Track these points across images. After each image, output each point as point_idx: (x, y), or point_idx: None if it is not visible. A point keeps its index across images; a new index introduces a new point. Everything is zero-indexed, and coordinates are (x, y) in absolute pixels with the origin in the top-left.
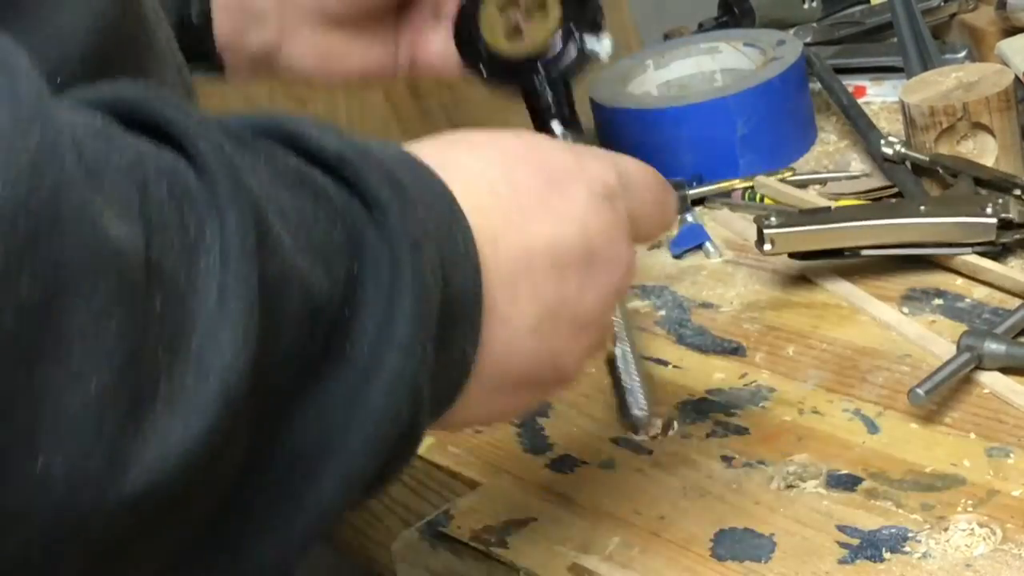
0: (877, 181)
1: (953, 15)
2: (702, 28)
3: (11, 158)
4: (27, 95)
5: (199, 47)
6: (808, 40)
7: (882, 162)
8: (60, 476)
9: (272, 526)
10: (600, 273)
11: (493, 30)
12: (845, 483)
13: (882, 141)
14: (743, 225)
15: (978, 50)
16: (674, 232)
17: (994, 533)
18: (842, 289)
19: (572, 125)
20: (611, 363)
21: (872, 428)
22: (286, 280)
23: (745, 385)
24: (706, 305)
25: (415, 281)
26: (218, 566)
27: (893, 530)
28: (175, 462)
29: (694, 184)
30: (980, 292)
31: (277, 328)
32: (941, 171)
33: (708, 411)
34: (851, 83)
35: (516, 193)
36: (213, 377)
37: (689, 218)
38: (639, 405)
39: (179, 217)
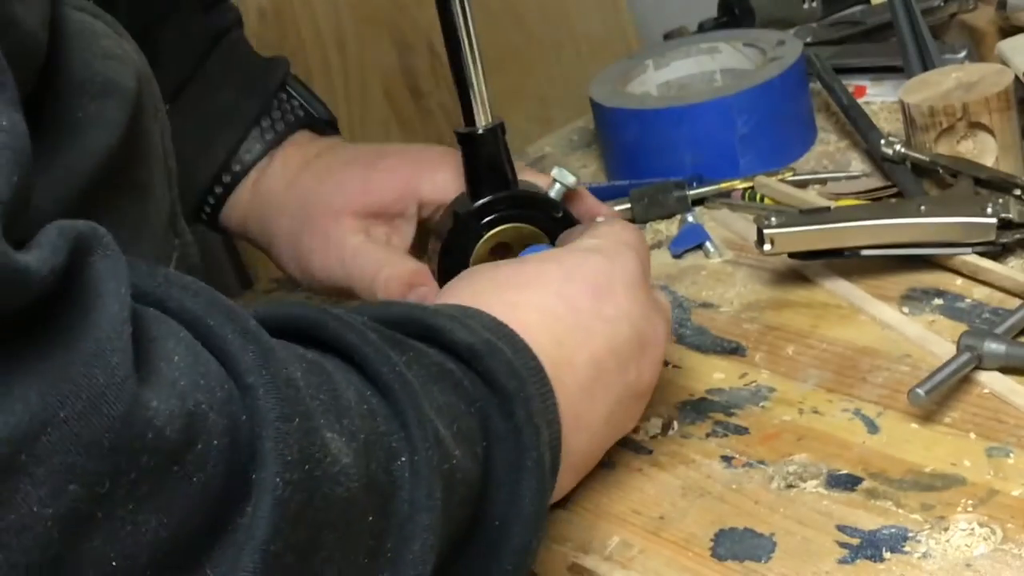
0: (877, 181)
1: (953, 15)
2: (702, 28)
3: (285, 449)
4: (285, 380)
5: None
6: (808, 40)
7: (882, 162)
8: None
9: None
10: (650, 350)
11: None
12: (845, 483)
13: (882, 141)
14: (743, 225)
15: (978, 50)
16: (674, 232)
17: (994, 533)
18: (842, 289)
19: None
20: None
21: (872, 428)
22: (453, 476)
23: (745, 385)
24: (706, 305)
25: (536, 464)
26: None
27: (893, 530)
28: None
29: (694, 184)
30: (980, 292)
31: (448, 519)
32: (941, 171)
33: (708, 411)
34: (851, 83)
35: (576, 313)
36: None
37: (689, 218)
38: None
39: (378, 433)
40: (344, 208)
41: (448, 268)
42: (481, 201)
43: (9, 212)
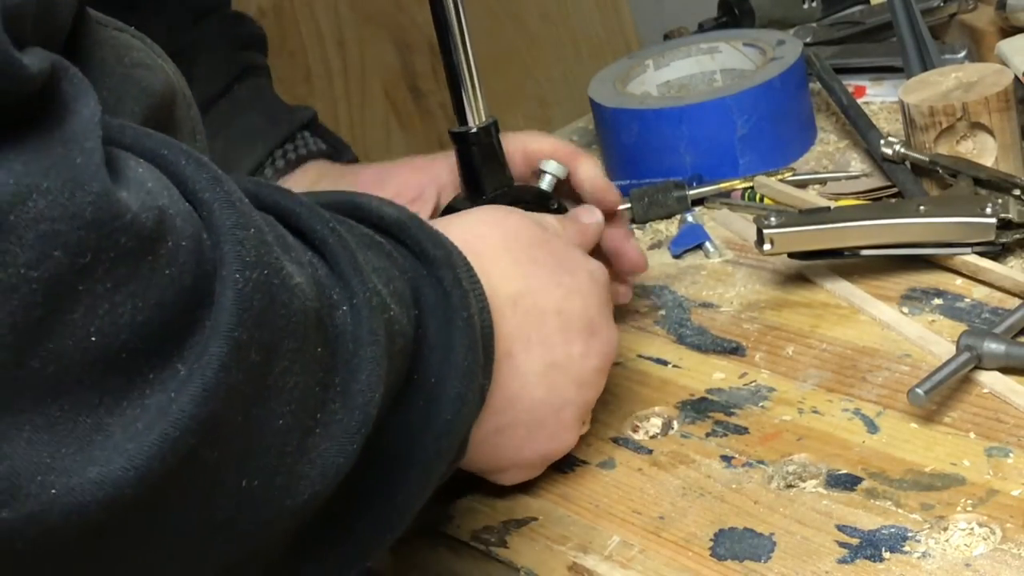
0: (877, 181)
1: (953, 15)
2: (702, 28)
3: (242, 251)
4: (239, 199)
5: None
6: (808, 40)
7: (882, 162)
8: (257, 491)
9: (373, 506)
10: (598, 343)
11: None
12: (845, 483)
13: (882, 141)
14: (743, 225)
15: (978, 50)
16: (674, 232)
17: (994, 533)
18: (842, 289)
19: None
20: None
21: (872, 428)
22: (392, 325)
23: (745, 385)
24: (706, 305)
25: (466, 323)
26: (331, 551)
27: (893, 530)
28: (332, 475)
29: (694, 184)
30: (980, 292)
31: (390, 361)
32: (941, 171)
33: (708, 411)
34: (851, 83)
35: (534, 265)
36: (357, 411)
37: (689, 218)
38: None
39: (321, 281)
40: None
41: None
42: (479, 199)
43: (11, 14)
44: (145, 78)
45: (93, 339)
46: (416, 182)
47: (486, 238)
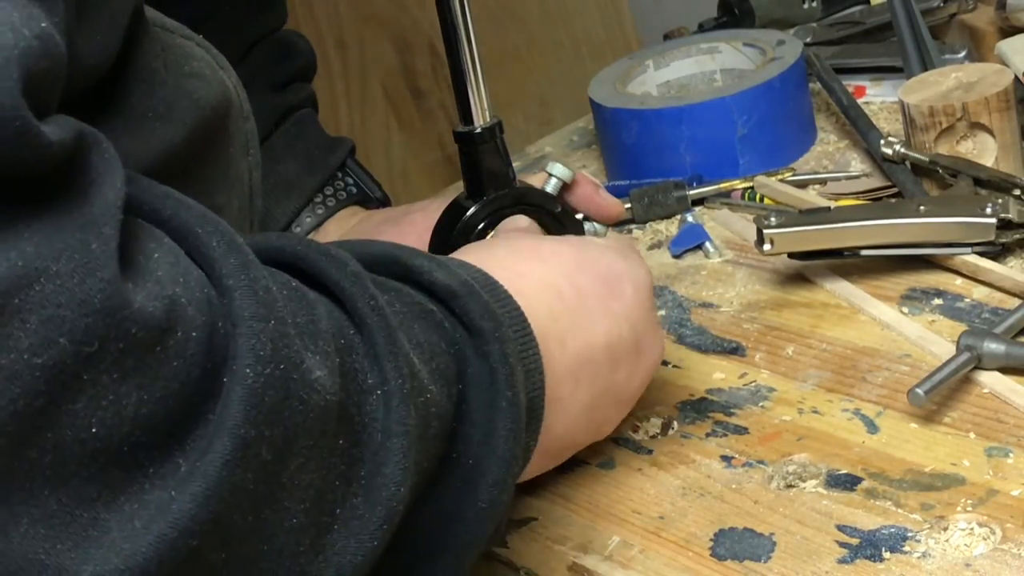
0: (877, 181)
1: (953, 15)
2: (702, 28)
3: (257, 344)
4: (264, 288)
5: None
6: (808, 40)
7: (882, 162)
8: None
9: None
10: (645, 358)
11: None
12: (844, 483)
13: (882, 141)
14: (743, 225)
15: (978, 50)
16: (674, 232)
17: (993, 533)
18: (842, 289)
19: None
20: None
21: (872, 428)
22: (427, 409)
23: (745, 385)
24: (706, 305)
25: (511, 404)
26: None
27: (892, 530)
28: (347, 573)
29: (694, 184)
30: (980, 292)
31: (422, 449)
32: (941, 171)
33: (708, 411)
34: (851, 83)
35: (580, 297)
36: (380, 506)
37: (689, 218)
38: None
39: (353, 366)
40: None
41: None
42: (483, 199)
43: (35, 79)
44: (199, 89)
45: (94, 430)
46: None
47: (527, 276)
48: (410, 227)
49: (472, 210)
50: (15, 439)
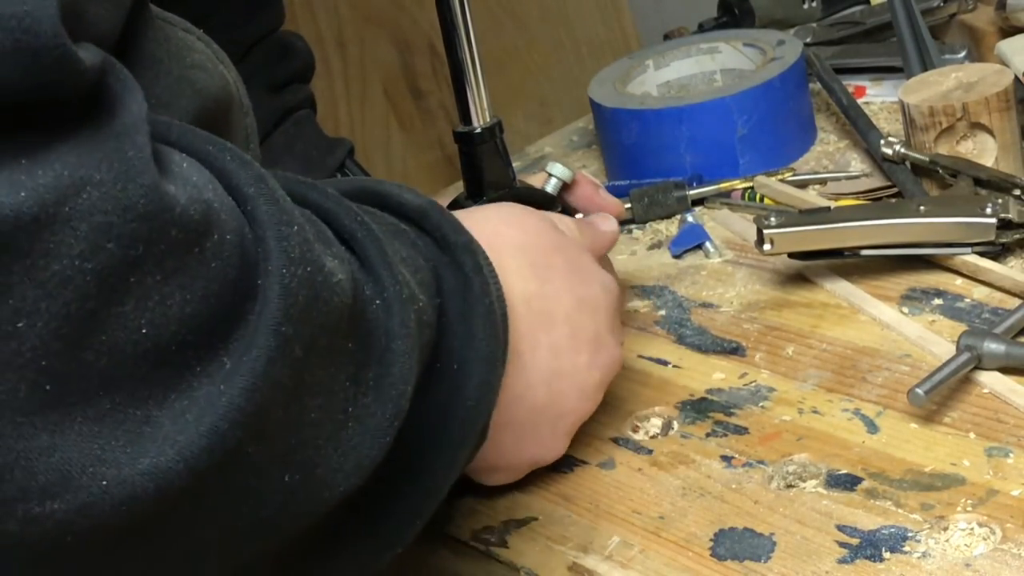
0: (877, 181)
1: (953, 15)
2: (702, 28)
3: (288, 246)
4: (282, 196)
5: None
6: (808, 40)
7: (882, 162)
8: (297, 484)
9: (402, 493)
10: (603, 355)
11: None
12: (844, 483)
13: (882, 141)
14: (743, 225)
15: (978, 50)
16: (674, 232)
17: (993, 533)
18: (842, 289)
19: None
20: None
21: (872, 428)
22: (421, 316)
23: (745, 385)
24: (706, 305)
25: (488, 310)
26: (362, 540)
27: (893, 530)
28: (367, 467)
29: (694, 184)
30: (980, 292)
31: (420, 355)
32: (941, 171)
33: (708, 411)
34: (851, 83)
35: (549, 270)
36: (390, 403)
37: (689, 218)
38: None
39: (354, 275)
40: None
41: None
42: (483, 199)
43: (68, 10)
44: (201, 80)
45: (144, 331)
46: None
47: (503, 235)
48: None
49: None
50: (70, 342)
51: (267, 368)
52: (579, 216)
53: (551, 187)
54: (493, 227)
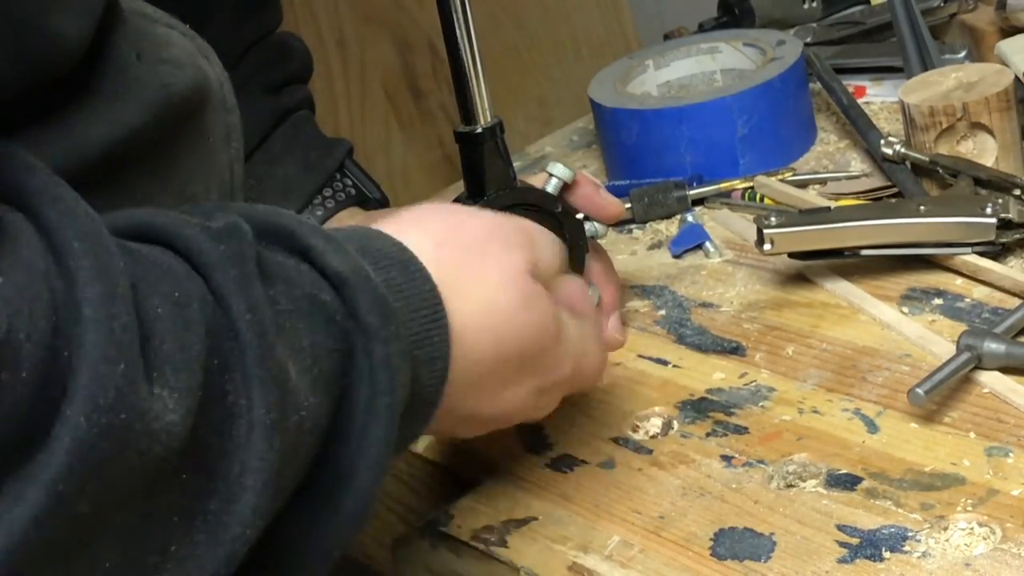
0: (877, 181)
1: (953, 15)
2: (702, 28)
3: (99, 390)
4: (124, 305)
5: None
6: (808, 40)
7: (882, 162)
8: None
9: None
10: (567, 344)
11: None
12: (845, 483)
13: (882, 141)
14: (743, 225)
15: (978, 50)
16: (674, 232)
17: (994, 532)
18: (842, 289)
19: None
20: None
21: (872, 428)
22: (300, 428)
23: (745, 385)
24: (706, 305)
25: (387, 409)
26: None
27: (893, 529)
28: None
29: (694, 184)
30: (980, 292)
31: (286, 474)
32: (941, 171)
33: (708, 411)
34: (851, 83)
35: (485, 245)
36: (222, 547)
37: (689, 218)
38: None
39: (223, 388)
40: None
41: None
42: (487, 197)
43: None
44: (169, 75)
45: None
46: None
47: (445, 245)
48: None
49: (481, 206)
50: None
51: (31, 529)
52: (579, 216)
53: (552, 187)
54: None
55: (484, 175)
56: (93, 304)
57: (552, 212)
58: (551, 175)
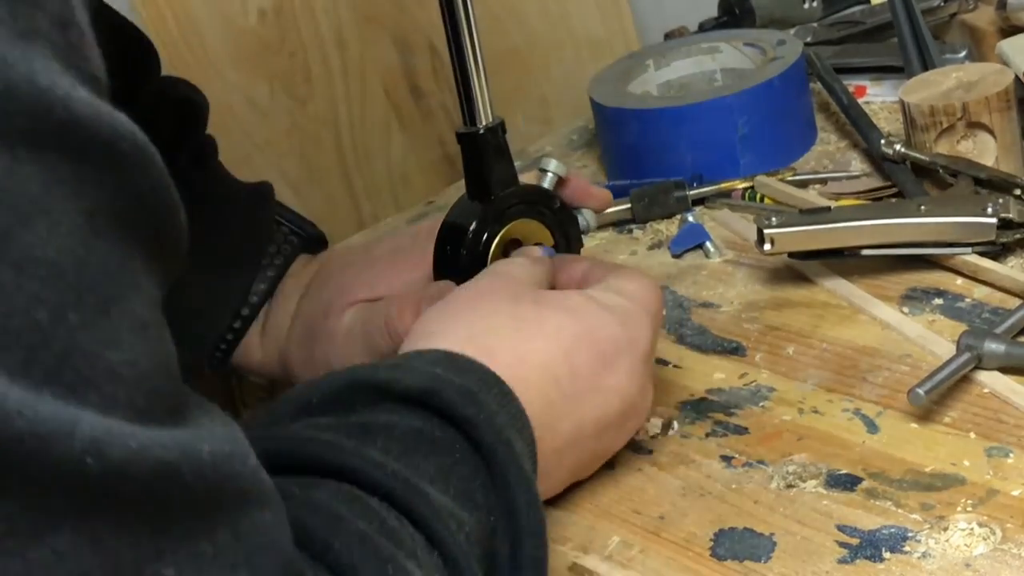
0: (877, 181)
1: (953, 15)
2: (702, 28)
3: None
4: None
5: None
6: (808, 40)
7: (882, 162)
8: None
9: None
10: (631, 422)
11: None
12: (845, 483)
13: (882, 141)
14: (743, 225)
15: (978, 50)
16: (674, 232)
17: (994, 533)
18: (842, 289)
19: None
20: None
21: (872, 428)
22: (469, 543)
23: (745, 385)
24: (706, 305)
25: (520, 473)
26: None
27: (893, 530)
28: None
29: (694, 184)
30: (980, 292)
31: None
32: (941, 171)
33: (708, 411)
34: (851, 83)
35: (575, 380)
36: None
37: (689, 218)
38: None
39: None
40: (341, 307)
41: (470, 270)
42: (488, 199)
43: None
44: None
45: None
46: (402, 283)
47: (527, 361)
48: (386, 270)
49: (474, 225)
50: None
51: None
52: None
53: (547, 182)
54: (515, 347)
55: (486, 175)
56: None
57: (552, 209)
58: (546, 171)
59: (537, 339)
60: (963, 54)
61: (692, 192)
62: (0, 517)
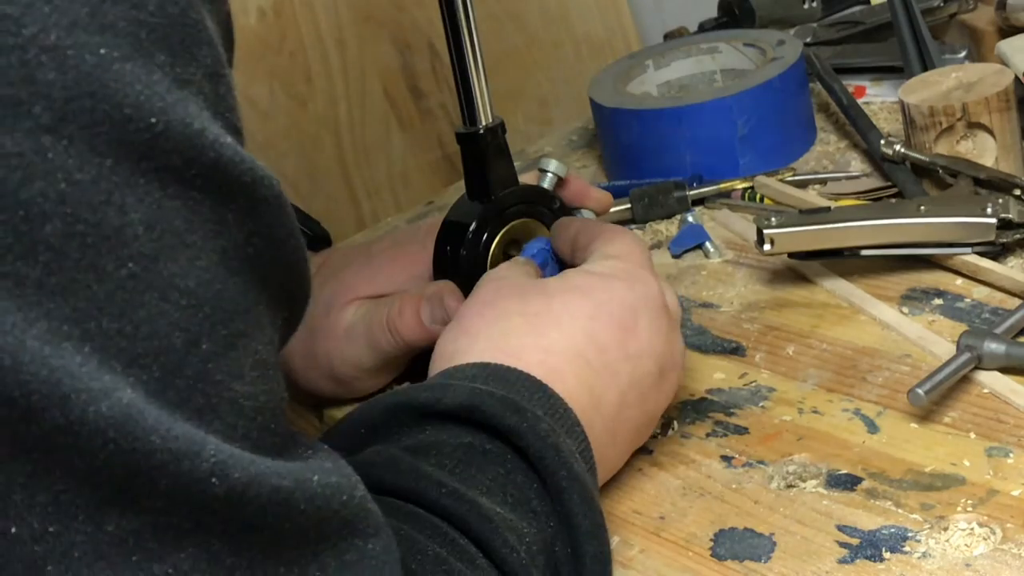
0: (877, 181)
1: (953, 15)
2: (702, 28)
3: None
4: None
5: None
6: (808, 40)
7: (882, 162)
8: None
9: None
10: (669, 375)
11: (495, 263)
12: (845, 483)
13: (882, 141)
14: (743, 225)
15: (978, 50)
16: (674, 232)
17: (994, 533)
18: (842, 289)
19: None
20: None
21: (872, 428)
22: (532, 549)
23: (745, 385)
24: (706, 305)
25: (570, 477)
26: None
27: (893, 530)
28: None
29: (694, 184)
30: (980, 292)
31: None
32: (941, 171)
33: (708, 411)
34: (851, 83)
35: (603, 354)
36: None
37: (689, 218)
38: None
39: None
40: (342, 304)
41: (469, 269)
42: (488, 199)
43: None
44: None
45: None
46: (402, 279)
47: (553, 351)
48: (386, 266)
49: (474, 225)
50: None
51: None
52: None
53: (547, 182)
54: (536, 344)
55: (486, 175)
56: None
57: (552, 208)
58: (545, 171)
59: (555, 328)
60: (963, 54)
61: (692, 192)
62: (128, 532)
